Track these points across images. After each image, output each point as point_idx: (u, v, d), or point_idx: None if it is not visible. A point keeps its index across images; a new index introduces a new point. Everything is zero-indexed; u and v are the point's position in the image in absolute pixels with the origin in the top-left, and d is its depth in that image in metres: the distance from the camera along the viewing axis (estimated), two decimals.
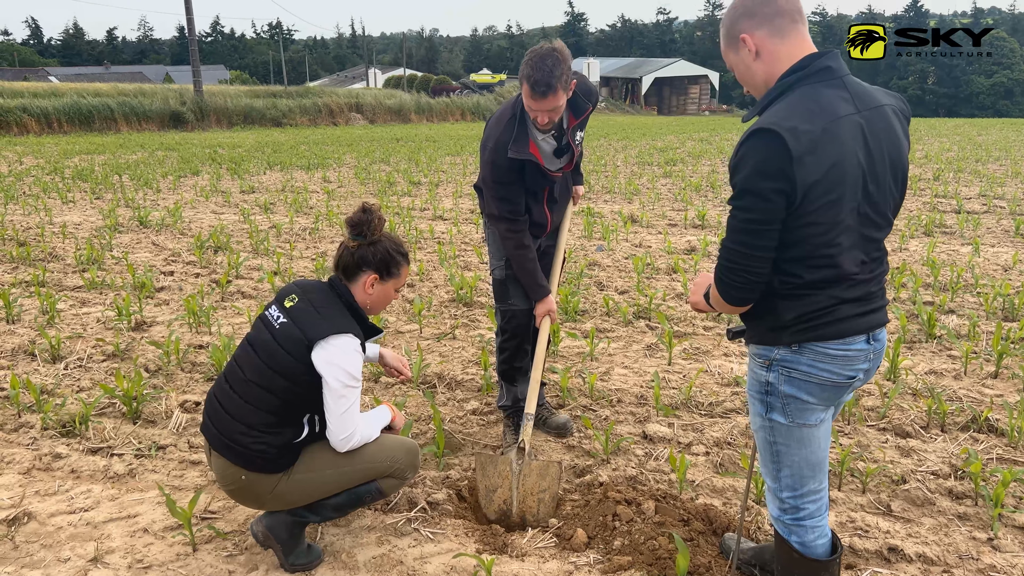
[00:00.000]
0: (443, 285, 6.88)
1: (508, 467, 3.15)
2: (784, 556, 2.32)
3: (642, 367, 4.88)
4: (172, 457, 3.66)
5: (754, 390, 2.21)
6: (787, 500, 2.25)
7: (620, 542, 2.89)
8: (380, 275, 2.73)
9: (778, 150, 1.84)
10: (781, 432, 2.17)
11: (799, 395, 2.10)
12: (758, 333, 2.13)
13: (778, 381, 2.11)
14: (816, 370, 2.06)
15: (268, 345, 2.60)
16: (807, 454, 2.18)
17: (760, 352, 2.14)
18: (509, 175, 3.32)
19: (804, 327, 2.02)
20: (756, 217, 1.90)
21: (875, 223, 2.02)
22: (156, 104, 33.10)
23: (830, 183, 1.89)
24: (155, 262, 7.75)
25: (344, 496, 2.73)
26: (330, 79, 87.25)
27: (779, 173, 1.85)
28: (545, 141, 3.38)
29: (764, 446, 2.25)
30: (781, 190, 1.86)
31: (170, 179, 14.53)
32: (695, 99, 71.86)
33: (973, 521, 3.15)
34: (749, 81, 2.09)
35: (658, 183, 14.47)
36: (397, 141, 26.75)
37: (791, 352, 2.07)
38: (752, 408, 2.25)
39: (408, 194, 12.96)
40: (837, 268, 1.97)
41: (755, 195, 1.88)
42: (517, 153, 3.26)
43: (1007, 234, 9.32)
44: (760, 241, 1.93)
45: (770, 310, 2.06)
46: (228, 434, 2.59)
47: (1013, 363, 4.84)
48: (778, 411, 2.14)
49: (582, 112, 3.42)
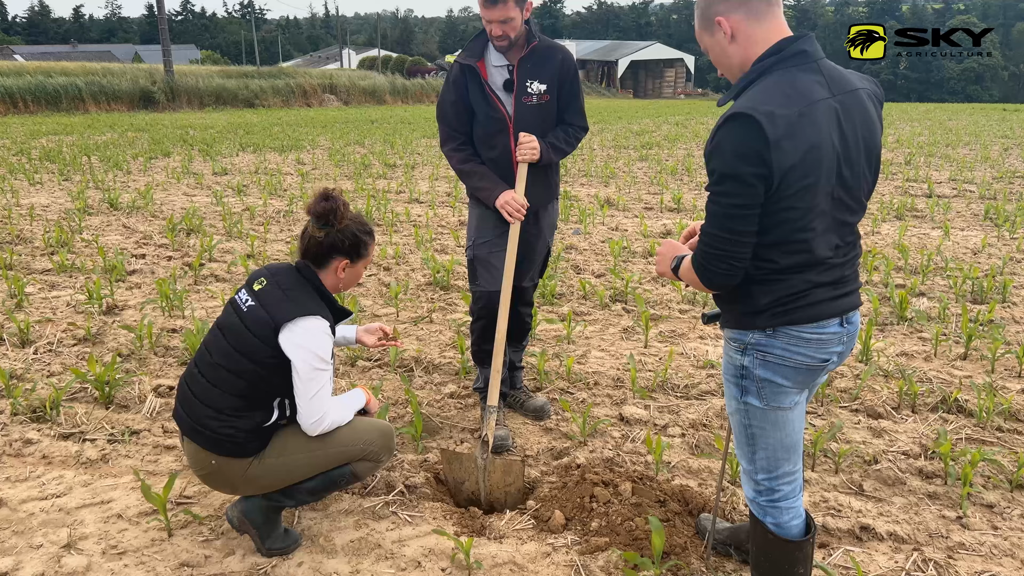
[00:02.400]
0: (419, 268, 6.86)
1: (473, 463, 3.19)
2: (759, 537, 2.35)
3: (619, 350, 4.90)
4: (146, 442, 3.62)
5: (729, 373, 2.22)
6: (762, 482, 2.27)
7: (597, 523, 2.91)
8: (351, 259, 2.72)
9: (755, 135, 1.83)
10: (756, 415, 2.18)
11: (774, 379, 2.10)
12: (733, 317, 2.13)
13: (753, 365, 2.11)
14: (791, 353, 2.06)
15: (236, 328, 2.58)
16: (782, 437, 2.20)
17: (735, 336, 2.14)
18: (456, 91, 3.47)
19: (779, 311, 2.03)
20: (737, 202, 1.89)
21: (849, 207, 2.03)
22: (125, 84, 32.52)
23: (806, 168, 1.88)
24: (126, 245, 7.63)
25: (318, 480, 2.72)
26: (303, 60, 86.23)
27: (757, 158, 1.84)
28: (499, 70, 3.45)
29: (739, 429, 2.26)
30: (760, 174, 1.85)
31: (140, 161, 14.30)
32: (671, 82, 72.01)
33: (943, 500, 3.20)
34: (724, 64, 2.08)
35: (634, 167, 14.49)
36: (372, 123, 26.53)
37: (765, 336, 2.07)
38: (727, 391, 2.26)
39: (384, 176, 12.87)
40: (811, 253, 1.97)
41: (735, 179, 1.87)
42: (464, 58, 3.45)
43: (976, 218, 9.45)
44: (742, 226, 1.92)
45: (745, 295, 2.06)
46: (197, 418, 2.57)
47: (981, 345, 4.92)
48: (753, 394, 2.15)
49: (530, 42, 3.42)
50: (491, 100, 3.43)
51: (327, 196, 2.65)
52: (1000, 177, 13.06)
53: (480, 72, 3.43)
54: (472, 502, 3.20)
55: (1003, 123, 28.20)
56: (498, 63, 3.46)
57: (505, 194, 3.42)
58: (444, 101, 3.57)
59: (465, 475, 3.22)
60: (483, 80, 3.43)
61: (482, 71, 3.44)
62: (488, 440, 3.20)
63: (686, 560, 2.75)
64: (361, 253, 2.74)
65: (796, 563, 2.30)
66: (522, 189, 3.42)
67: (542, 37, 3.51)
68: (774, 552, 2.32)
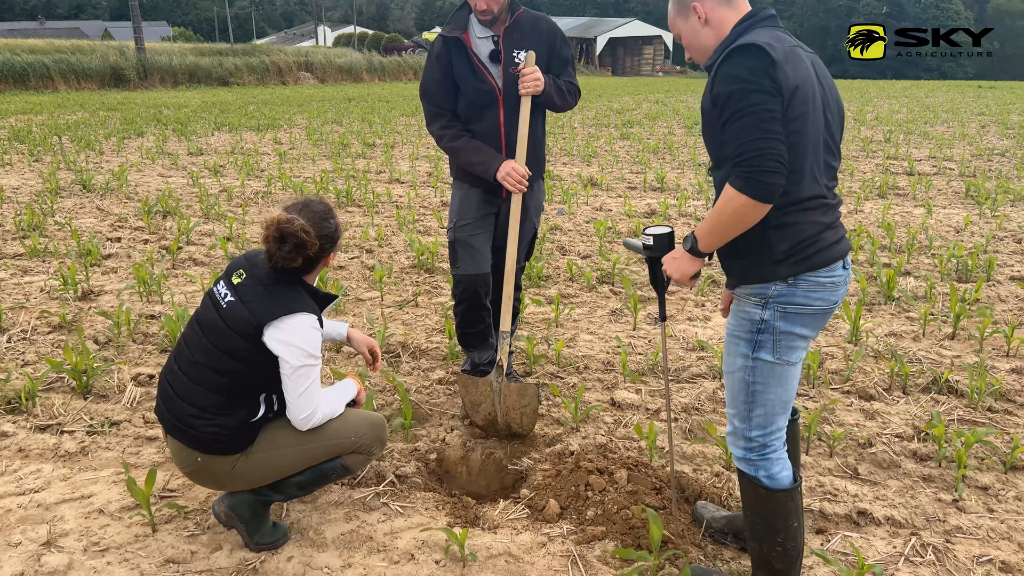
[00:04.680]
0: (403, 251, 6.75)
1: (489, 386, 3.35)
2: (751, 495, 2.35)
3: (607, 333, 4.84)
4: (127, 433, 3.51)
5: (742, 330, 2.24)
6: (756, 439, 2.30)
7: (593, 512, 2.86)
8: (334, 249, 2.65)
9: (761, 56, 1.99)
10: (763, 371, 2.22)
11: (793, 329, 2.18)
12: (753, 271, 2.17)
13: (773, 318, 2.17)
14: (810, 300, 2.16)
15: (215, 325, 2.47)
16: (782, 392, 2.26)
17: (755, 291, 2.19)
18: (441, 67, 3.37)
19: (798, 259, 2.11)
20: (766, 107, 1.97)
21: (831, 151, 2.18)
22: (95, 62, 31.78)
23: (804, 95, 2.03)
24: (101, 228, 7.45)
25: (308, 474, 2.64)
26: (278, 37, 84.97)
27: (767, 75, 1.98)
28: (484, 41, 3.36)
29: (740, 387, 2.28)
30: (774, 88, 1.99)
31: (113, 141, 13.99)
32: (649, 60, 71.73)
33: (938, 483, 3.19)
34: (696, 46, 2.27)
35: (616, 145, 14.40)
36: (349, 101, 26.18)
37: (787, 286, 2.14)
38: (733, 350, 2.28)
39: (363, 156, 12.69)
40: (817, 185, 2.11)
41: (757, 90, 1.98)
42: (448, 31, 3.35)
43: (957, 196, 9.48)
44: (774, 126, 1.98)
45: (763, 245, 2.13)
46: (179, 417, 2.47)
47: (969, 324, 4.92)
48: (767, 349, 2.20)
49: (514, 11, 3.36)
50: (479, 72, 3.34)
51: (282, 237, 2.39)
52: (979, 154, 13.12)
53: (466, 43, 3.34)
54: (487, 422, 3.41)
55: (979, 100, 28.39)
56: (482, 34, 3.37)
57: (505, 165, 3.33)
58: (428, 79, 3.47)
59: (481, 398, 3.38)
60: (469, 51, 3.33)
61: (467, 42, 3.35)
62: (503, 364, 3.33)
63: (683, 548, 2.70)
64: (336, 238, 2.62)
65: (790, 514, 2.32)
66: (525, 133, 3.32)
67: (525, 8, 3.42)
68: (769, 506, 2.32)
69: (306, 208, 2.57)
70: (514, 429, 3.41)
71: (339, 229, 2.64)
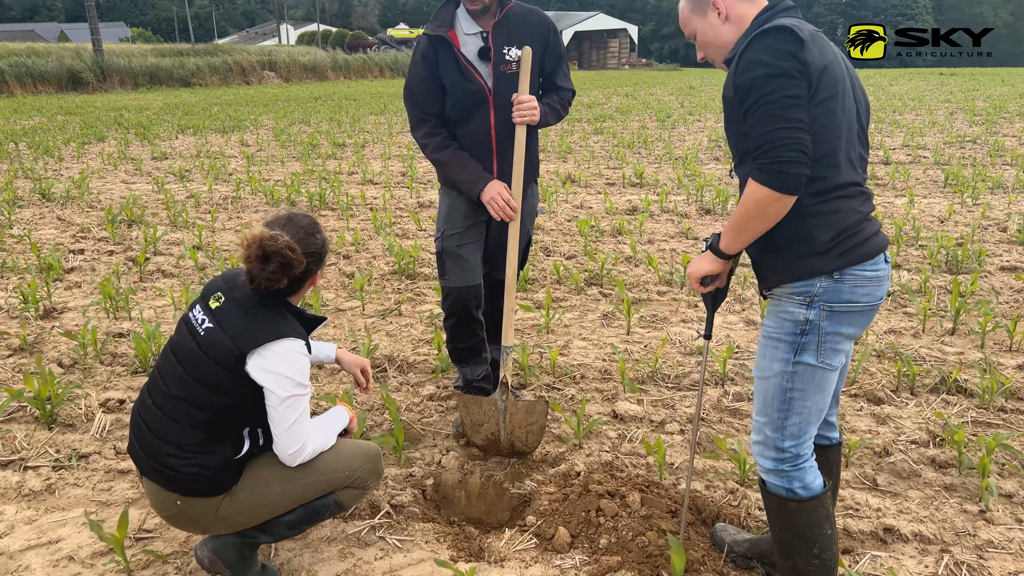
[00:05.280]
0: (382, 256, 6.51)
1: (492, 406, 3.17)
2: (780, 508, 2.19)
3: (601, 338, 4.66)
4: (97, 467, 3.25)
5: (783, 332, 2.10)
6: (789, 449, 2.15)
7: (607, 540, 2.67)
8: (320, 267, 2.42)
9: (788, 37, 1.90)
10: (804, 377, 2.09)
11: (840, 329, 2.05)
12: (796, 268, 2.03)
13: (819, 318, 2.04)
14: (857, 296, 2.03)
15: (192, 354, 2.23)
16: (820, 400, 2.13)
17: (800, 289, 2.05)
18: (426, 68, 3.15)
19: (842, 250, 1.99)
20: (790, 93, 1.88)
21: (861, 141, 2.09)
22: (52, 65, 31.00)
23: (832, 76, 1.94)
24: (62, 239, 7.11)
25: (299, 512, 2.41)
26: (240, 36, 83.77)
27: (793, 57, 1.89)
28: (472, 38, 3.13)
29: (776, 393, 2.13)
30: (801, 70, 1.89)
31: (73, 146, 13.54)
32: (615, 53, 71.81)
33: (960, 492, 3.04)
34: (715, 44, 2.17)
35: (590, 140, 14.24)
36: (316, 100, 25.75)
37: (833, 282, 2.01)
38: (772, 354, 2.13)
39: (333, 156, 12.39)
40: (854, 171, 2.02)
41: (782, 75, 1.88)
42: (433, 29, 3.12)
43: (936, 184, 9.45)
44: (800, 114, 1.88)
45: (803, 235, 2.00)
46: (155, 457, 2.23)
47: (968, 319, 4.82)
48: (811, 352, 2.06)
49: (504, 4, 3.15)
50: (467, 71, 3.11)
51: (265, 256, 2.17)
52: (951, 142, 13.16)
53: (452, 42, 3.11)
54: (489, 442, 3.22)
55: (942, 87, 28.69)
56: (470, 31, 3.13)
57: (491, 188, 3.12)
58: (412, 81, 3.23)
59: (484, 418, 3.19)
60: (456, 50, 3.10)
61: (454, 40, 3.12)
62: (508, 382, 3.15)
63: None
64: (323, 256, 2.40)
65: (823, 521, 2.18)
66: (521, 155, 3.12)
67: (516, 1, 3.21)
68: (801, 517, 2.17)
69: (290, 223, 2.34)
70: (518, 447, 3.23)
71: (326, 245, 2.42)
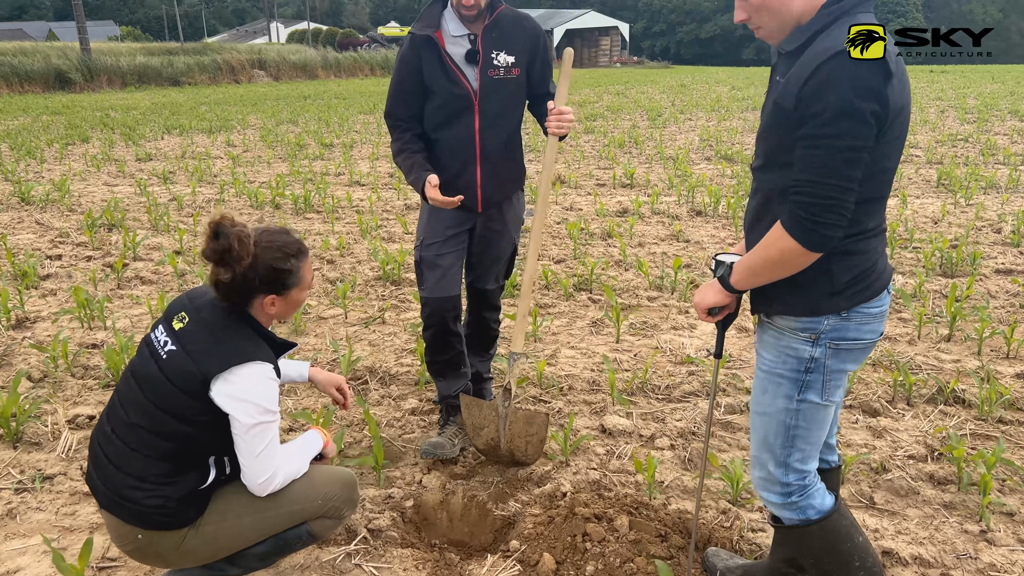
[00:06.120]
0: (367, 260, 6.37)
1: (494, 411, 3.09)
2: (802, 538, 2.08)
3: (590, 347, 4.53)
4: (61, 489, 3.11)
5: (786, 368, 1.96)
6: (794, 482, 2.05)
7: (593, 567, 2.54)
8: (277, 292, 2.19)
9: (877, 69, 1.64)
10: (808, 414, 1.97)
11: (844, 367, 1.94)
12: (805, 303, 1.89)
13: (825, 355, 1.91)
14: (862, 333, 1.91)
15: (154, 379, 2.09)
16: (821, 434, 2.02)
17: (806, 325, 1.90)
18: (407, 68, 3.03)
19: (857, 290, 1.86)
20: (853, 143, 1.66)
21: None
22: (38, 64, 30.66)
23: (903, 119, 1.74)
24: (40, 244, 6.95)
25: (269, 543, 2.28)
26: (229, 34, 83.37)
27: (874, 94, 1.65)
28: (459, 40, 3.00)
29: (778, 430, 2.01)
30: (876, 113, 1.66)
31: (56, 147, 13.34)
32: (606, 51, 71.66)
33: (960, 510, 2.94)
34: (780, 18, 1.81)
35: (580, 140, 14.13)
36: (305, 99, 25.55)
37: (840, 320, 1.88)
38: (774, 391, 1.99)
39: (321, 157, 12.23)
40: (882, 215, 1.86)
41: (852, 118, 1.64)
42: (419, 29, 3.00)
43: (929, 184, 9.36)
44: (854, 171, 1.69)
45: (824, 274, 1.85)
46: (115, 489, 2.09)
47: (965, 325, 4.71)
48: (815, 390, 1.94)
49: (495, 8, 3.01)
50: (452, 74, 2.98)
51: (218, 232, 2.07)
52: (943, 141, 13.08)
53: (439, 43, 2.98)
54: (489, 448, 3.15)
55: (933, 84, 28.66)
56: (457, 32, 3.00)
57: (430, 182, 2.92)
58: (392, 82, 3.12)
59: (484, 421, 3.12)
60: (442, 51, 2.97)
61: (440, 42, 2.99)
62: (511, 388, 3.07)
63: None
64: (288, 283, 2.20)
65: (850, 530, 2.08)
66: (551, 168, 3.04)
67: (506, 4, 3.07)
68: (828, 538, 2.06)
69: (267, 231, 2.19)
70: (517, 457, 3.14)
71: (295, 274, 2.21)
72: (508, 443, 3.12)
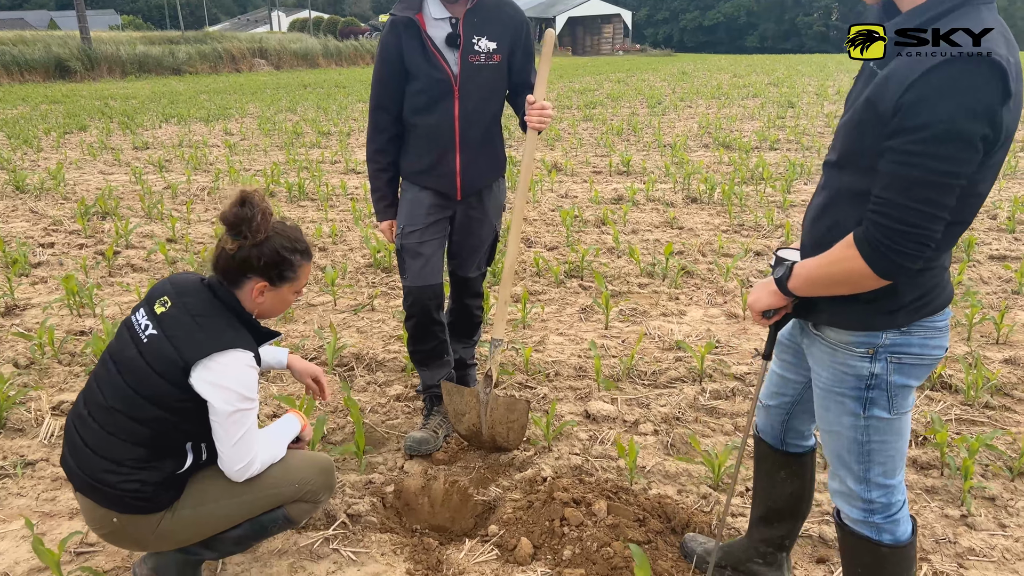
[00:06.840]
0: (359, 248, 6.36)
1: (475, 397, 3.13)
2: (868, 556, 1.97)
3: (578, 333, 4.53)
4: (43, 475, 3.12)
5: (847, 386, 1.82)
6: (878, 500, 1.90)
7: (571, 551, 2.55)
8: (270, 281, 2.19)
9: (995, 86, 1.44)
10: (880, 429, 1.83)
11: (908, 382, 1.79)
12: (867, 319, 1.75)
13: (886, 371, 1.77)
14: (928, 349, 1.76)
15: (133, 364, 2.08)
16: (902, 444, 1.87)
17: (863, 340, 1.76)
18: (387, 53, 3.00)
19: (919, 305, 1.72)
20: (951, 169, 1.48)
21: None
22: (39, 53, 30.59)
23: (1009, 142, 1.55)
24: (33, 232, 6.94)
25: (245, 528, 2.28)
26: (231, 23, 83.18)
27: (989, 114, 1.45)
28: (440, 23, 2.97)
29: (851, 447, 1.87)
30: (986, 137, 1.48)
31: (53, 136, 13.33)
32: (608, 39, 71.30)
33: (942, 495, 2.93)
34: None
35: (579, 127, 14.07)
36: (305, 87, 25.49)
37: (900, 334, 1.74)
38: (837, 409, 1.86)
39: (317, 145, 12.21)
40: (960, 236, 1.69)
41: (959, 141, 1.46)
42: (400, 10, 2.98)
43: None
44: (949, 200, 1.51)
45: (890, 291, 1.69)
46: (91, 472, 2.09)
47: (955, 310, 4.69)
48: (881, 406, 1.80)
49: None
50: (433, 57, 2.95)
51: (244, 200, 2.10)
52: None
53: (420, 25, 2.94)
54: (471, 433, 3.19)
55: None
56: (439, 15, 2.96)
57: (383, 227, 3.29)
58: (375, 71, 3.10)
59: (466, 408, 3.15)
60: (423, 34, 2.95)
61: (421, 24, 2.95)
62: (492, 375, 3.10)
63: None
64: (285, 275, 2.21)
65: (911, 564, 1.98)
66: (531, 162, 3.01)
67: None
68: (892, 567, 1.97)
69: (284, 223, 2.25)
70: (499, 443, 3.19)
71: (295, 269, 2.22)
72: (490, 429, 3.14)
